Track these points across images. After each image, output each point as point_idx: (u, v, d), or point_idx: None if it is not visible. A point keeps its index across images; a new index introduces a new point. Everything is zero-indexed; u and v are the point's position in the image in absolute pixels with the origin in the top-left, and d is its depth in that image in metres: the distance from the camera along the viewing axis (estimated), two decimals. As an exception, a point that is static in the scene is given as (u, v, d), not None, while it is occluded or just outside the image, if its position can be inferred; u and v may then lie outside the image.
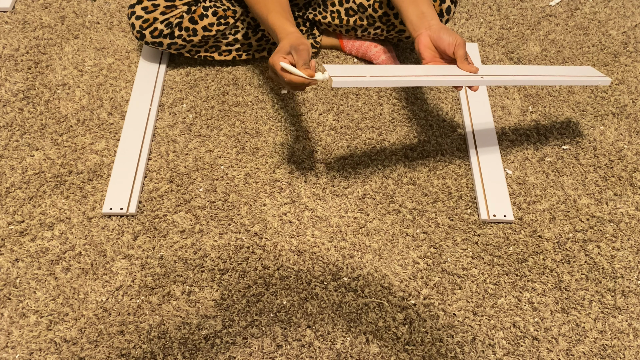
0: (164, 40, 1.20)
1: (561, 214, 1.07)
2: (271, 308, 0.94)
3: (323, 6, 1.24)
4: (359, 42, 1.30)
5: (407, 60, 1.33)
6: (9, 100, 1.23)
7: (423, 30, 0.98)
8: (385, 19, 1.19)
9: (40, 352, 0.88)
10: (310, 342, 0.90)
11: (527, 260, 1.00)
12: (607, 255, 1.01)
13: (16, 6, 1.44)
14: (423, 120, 1.22)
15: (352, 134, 1.18)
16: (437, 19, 0.98)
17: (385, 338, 0.91)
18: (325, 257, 1.00)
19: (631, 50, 1.37)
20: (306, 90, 1.26)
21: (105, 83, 1.28)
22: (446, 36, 0.95)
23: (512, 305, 0.95)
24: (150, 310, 0.93)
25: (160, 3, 1.19)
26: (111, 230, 1.03)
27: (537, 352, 0.90)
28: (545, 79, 1.00)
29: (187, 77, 1.29)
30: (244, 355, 0.89)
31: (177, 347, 0.89)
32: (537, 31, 1.42)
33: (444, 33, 0.96)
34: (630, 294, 0.96)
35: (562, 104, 1.26)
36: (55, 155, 1.14)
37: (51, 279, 0.96)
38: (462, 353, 0.90)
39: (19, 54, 1.33)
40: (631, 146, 1.18)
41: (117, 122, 1.20)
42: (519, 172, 1.13)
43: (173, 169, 1.12)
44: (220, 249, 1.01)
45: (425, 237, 1.03)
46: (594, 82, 1.04)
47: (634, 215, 1.07)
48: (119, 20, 1.42)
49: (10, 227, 1.03)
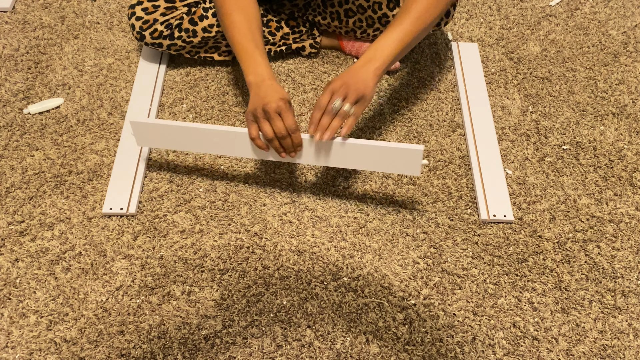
0: (163, 42, 1.20)
1: (561, 214, 1.07)
2: (271, 308, 0.94)
3: (323, 7, 1.24)
4: (359, 43, 1.30)
5: (407, 60, 1.34)
6: (9, 100, 1.23)
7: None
8: (384, 21, 1.19)
9: (40, 352, 0.88)
10: (310, 342, 0.90)
11: (527, 260, 1.00)
12: (607, 255, 1.01)
13: (16, 6, 1.44)
14: (423, 120, 1.22)
15: (352, 134, 1.18)
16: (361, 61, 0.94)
17: (385, 338, 0.91)
18: (325, 257, 1.00)
19: (631, 50, 1.37)
20: (306, 90, 1.27)
21: (105, 83, 1.28)
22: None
23: (512, 305, 0.95)
24: (150, 310, 0.93)
25: (161, 4, 1.19)
26: (111, 230, 1.03)
27: (537, 352, 0.90)
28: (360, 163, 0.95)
29: (187, 77, 1.29)
30: (244, 355, 0.89)
31: (177, 347, 0.89)
32: (537, 31, 1.42)
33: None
34: (630, 294, 0.96)
35: (562, 104, 1.26)
36: (55, 155, 1.14)
37: (51, 279, 0.96)
38: (462, 353, 0.90)
39: (19, 54, 1.33)
40: (631, 146, 1.18)
41: (117, 122, 1.20)
42: (519, 172, 1.13)
43: (173, 169, 1.12)
44: (220, 249, 1.01)
45: (425, 237, 1.03)
46: (403, 170, 0.95)
47: (634, 215, 1.07)
48: (119, 20, 1.42)
49: (10, 227, 1.03)
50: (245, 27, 0.99)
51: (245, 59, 0.97)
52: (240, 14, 1.00)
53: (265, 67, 0.96)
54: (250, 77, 0.96)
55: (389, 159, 0.93)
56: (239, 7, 1.00)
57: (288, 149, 0.95)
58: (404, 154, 0.91)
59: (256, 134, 0.94)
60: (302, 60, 1.33)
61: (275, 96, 0.91)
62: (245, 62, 0.97)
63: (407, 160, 0.92)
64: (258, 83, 0.94)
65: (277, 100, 0.90)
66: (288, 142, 0.93)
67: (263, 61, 0.97)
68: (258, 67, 0.96)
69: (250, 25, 1.00)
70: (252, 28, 0.99)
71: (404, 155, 0.92)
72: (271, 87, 0.93)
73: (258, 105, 0.91)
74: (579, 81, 1.30)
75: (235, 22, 0.99)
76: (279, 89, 0.93)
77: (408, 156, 0.92)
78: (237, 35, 0.99)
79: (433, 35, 1.40)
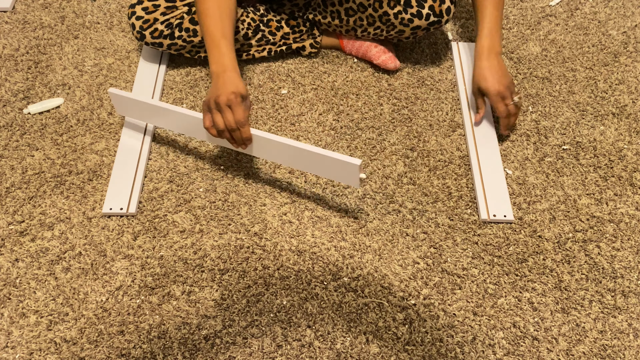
0: (164, 41, 1.20)
1: (561, 214, 1.07)
2: (271, 308, 0.94)
3: (323, 6, 1.24)
4: (359, 42, 1.30)
5: (407, 60, 1.33)
6: (9, 100, 1.23)
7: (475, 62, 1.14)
8: (385, 19, 1.19)
9: (40, 352, 0.88)
10: (310, 342, 0.90)
11: (527, 260, 1.00)
12: (607, 255, 1.01)
13: (16, 6, 1.44)
14: (423, 120, 1.22)
15: (352, 134, 1.18)
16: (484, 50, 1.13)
17: (385, 338, 0.91)
18: (325, 257, 1.00)
19: (631, 50, 1.37)
20: (306, 90, 1.27)
21: (105, 83, 1.28)
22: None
23: (512, 305, 0.95)
24: (150, 310, 0.93)
25: (161, 4, 1.19)
26: (111, 230, 1.03)
27: (537, 352, 0.90)
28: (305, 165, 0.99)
29: (187, 77, 1.29)
30: (244, 355, 0.89)
31: (177, 347, 0.89)
32: (537, 31, 1.42)
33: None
34: (630, 294, 0.96)
35: (562, 104, 1.26)
36: (55, 155, 1.14)
37: (51, 279, 0.96)
38: (462, 353, 0.90)
39: (19, 54, 1.33)
40: (631, 146, 1.18)
41: (117, 122, 1.20)
42: (519, 172, 1.13)
43: (173, 169, 1.12)
44: (220, 249, 1.01)
45: (425, 237, 1.03)
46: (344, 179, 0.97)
47: (634, 215, 1.07)
48: (119, 20, 1.42)
49: (10, 227, 1.03)
50: (216, 15, 1.00)
51: (211, 48, 0.99)
52: (214, 1, 1.01)
53: (228, 58, 0.98)
54: (213, 66, 0.98)
55: (330, 167, 0.96)
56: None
57: (238, 141, 0.98)
58: (342, 166, 0.94)
59: (209, 124, 0.97)
60: (302, 60, 1.33)
61: (228, 89, 0.94)
62: (210, 50, 0.99)
63: (346, 172, 0.95)
64: (218, 73, 0.97)
65: (229, 93, 0.93)
66: (237, 134, 0.97)
67: (228, 52, 0.98)
68: (222, 57, 0.98)
69: (221, 14, 1.00)
70: (222, 17, 1.00)
71: (343, 167, 0.94)
72: (229, 79, 0.95)
73: (212, 97, 0.95)
74: (579, 81, 1.30)
75: (207, 10, 1.01)
76: (236, 81, 0.95)
77: (346, 168, 0.94)
78: (207, 23, 1.00)
79: (433, 35, 1.40)
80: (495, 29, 1.11)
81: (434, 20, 1.15)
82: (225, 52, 0.98)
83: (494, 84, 1.09)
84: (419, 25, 1.16)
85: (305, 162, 0.98)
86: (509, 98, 1.10)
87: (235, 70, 0.97)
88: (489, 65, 1.11)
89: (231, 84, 0.95)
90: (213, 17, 1.00)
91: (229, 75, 0.96)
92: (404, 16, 1.15)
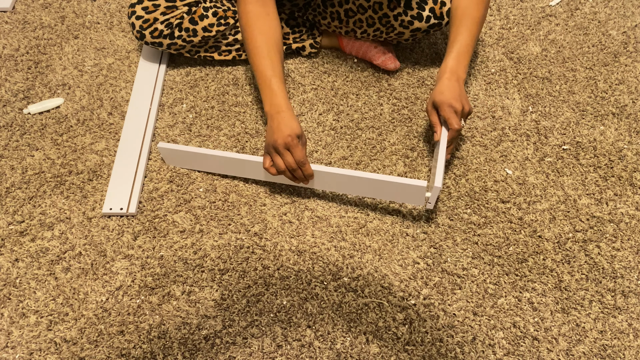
0: (164, 41, 1.20)
1: (561, 214, 1.07)
2: (271, 308, 0.94)
3: (323, 7, 1.24)
4: (359, 43, 1.30)
5: (407, 60, 1.33)
6: (9, 100, 1.23)
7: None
8: (384, 21, 1.19)
9: (40, 352, 0.88)
10: (310, 342, 0.90)
11: (527, 260, 1.00)
12: (607, 255, 1.01)
13: (16, 6, 1.44)
14: (423, 120, 1.22)
15: (352, 134, 1.18)
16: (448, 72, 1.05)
17: (385, 338, 0.91)
18: (325, 257, 1.00)
19: (631, 50, 1.37)
20: (306, 90, 1.27)
21: (105, 83, 1.28)
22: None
23: (512, 305, 0.95)
24: (150, 310, 0.93)
25: (161, 3, 1.19)
26: (111, 230, 1.03)
27: (537, 352, 0.90)
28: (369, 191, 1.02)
29: (187, 77, 1.29)
30: (244, 355, 0.89)
31: (177, 347, 0.89)
32: (537, 31, 1.42)
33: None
34: (630, 294, 0.96)
35: (562, 104, 1.26)
36: (55, 155, 1.14)
37: (51, 279, 0.96)
38: (462, 353, 0.90)
39: (19, 54, 1.33)
40: (631, 146, 1.18)
41: (117, 122, 1.20)
42: (519, 172, 1.13)
43: (173, 169, 1.12)
44: (220, 249, 1.01)
45: (425, 237, 1.03)
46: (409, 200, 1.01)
47: (634, 215, 1.07)
48: (119, 20, 1.42)
49: (10, 227, 1.03)
50: (264, 52, 1.01)
51: (263, 87, 1.01)
52: (262, 37, 1.02)
53: (281, 97, 1.00)
54: (266, 107, 1.01)
55: (396, 191, 0.99)
56: (261, 30, 1.02)
57: (300, 179, 1.01)
58: (408, 189, 0.97)
59: (269, 164, 1.00)
60: (302, 60, 1.33)
61: (284, 132, 0.96)
62: (262, 90, 1.02)
63: (413, 194, 0.98)
64: (272, 115, 0.99)
65: (286, 137, 0.96)
66: (299, 173, 1.00)
67: (279, 90, 1.00)
68: (274, 97, 1.00)
69: (269, 50, 1.01)
70: (270, 53, 1.01)
71: (409, 190, 0.98)
72: (284, 120, 0.97)
73: (270, 142, 0.98)
74: (579, 81, 1.30)
75: (256, 48, 1.02)
76: (290, 122, 0.97)
77: (412, 191, 0.98)
78: (257, 62, 1.02)
79: (433, 35, 1.40)
80: (463, 55, 1.04)
81: (434, 22, 1.15)
82: (277, 91, 1.00)
83: (449, 98, 1.00)
84: (419, 28, 1.16)
85: (370, 188, 1.00)
86: (460, 115, 1.01)
87: (289, 109, 0.99)
88: (449, 85, 1.02)
89: (285, 126, 0.97)
90: (261, 55, 1.01)
91: (283, 117, 0.97)
92: (404, 18, 1.15)
